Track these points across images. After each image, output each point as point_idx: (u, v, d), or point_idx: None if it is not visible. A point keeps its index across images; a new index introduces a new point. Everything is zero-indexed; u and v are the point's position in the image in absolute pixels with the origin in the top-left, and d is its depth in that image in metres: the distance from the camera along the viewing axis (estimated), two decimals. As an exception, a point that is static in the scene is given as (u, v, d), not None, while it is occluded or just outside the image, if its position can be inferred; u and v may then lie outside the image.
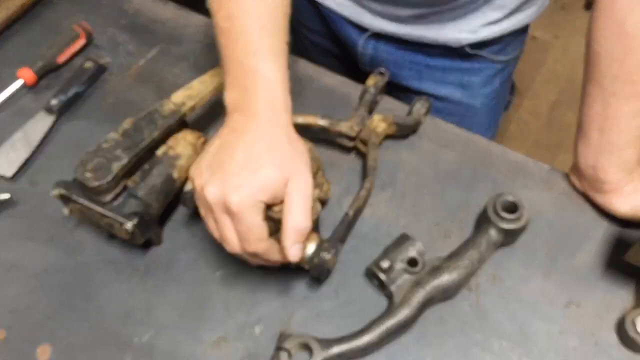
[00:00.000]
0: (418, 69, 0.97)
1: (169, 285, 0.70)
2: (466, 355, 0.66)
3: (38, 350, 0.65)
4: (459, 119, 0.97)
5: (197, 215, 0.74)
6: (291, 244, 0.57)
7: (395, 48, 0.96)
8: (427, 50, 0.94)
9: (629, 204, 0.71)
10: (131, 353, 0.65)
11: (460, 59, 0.94)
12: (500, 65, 0.97)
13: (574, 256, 0.73)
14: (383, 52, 0.97)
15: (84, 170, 0.63)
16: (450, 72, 0.96)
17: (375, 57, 0.99)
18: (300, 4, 1.03)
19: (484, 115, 1.02)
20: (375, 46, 0.97)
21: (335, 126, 0.77)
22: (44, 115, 0.83)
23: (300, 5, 1.03)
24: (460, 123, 0.85)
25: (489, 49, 0.93)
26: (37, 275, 0.71)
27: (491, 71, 0.96)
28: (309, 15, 1.04)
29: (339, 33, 1.00)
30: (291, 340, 0.63)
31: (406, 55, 0.96)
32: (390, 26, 0.92)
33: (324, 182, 0.73)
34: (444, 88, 0.98)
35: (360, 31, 0.96)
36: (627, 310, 0.69)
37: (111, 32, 0.95)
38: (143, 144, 0.67)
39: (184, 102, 0.72)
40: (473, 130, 0.83)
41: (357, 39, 0.97)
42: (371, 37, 0.96)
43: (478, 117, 1.02)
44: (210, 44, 0.94)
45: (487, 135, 1.05)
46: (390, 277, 0.66)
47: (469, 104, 0.99)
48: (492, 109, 1.03)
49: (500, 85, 1.01)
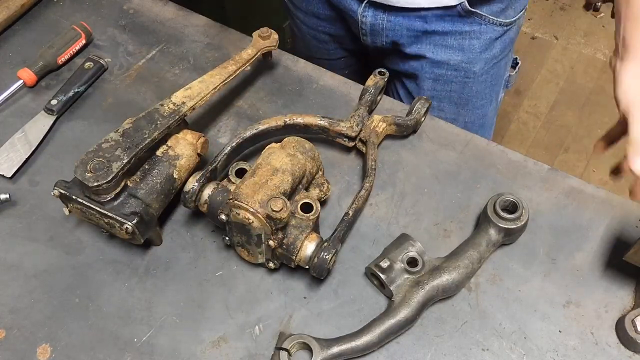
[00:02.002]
0: (417, 35, 0.97)
1: (169, 285, 0.70)
2: (466, 355, 0.66)
3: (38, 350, 0.65)
4: (459, 87, 0.97)
5: (197, 215, 0.74)
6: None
7: (394, 15, 0.96)
8: (425, 14, 0.94)
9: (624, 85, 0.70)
10: (131, 353, 0.65)
11: (460, 20, 0.93)
12: (500, 29, 0.96)
13: (574, 256, 0.73)
14: (382, 19, 0.97)
15: (84, 170, 0.63)
16: (450, 36, 0.96)
17: (374, 25, 0.99)
18: None
19: (483, 84, 1.02)
20: (374, 14, 0.97)
21: (335, 126, 0.78)
22: (44, 115, 0.83)
23: None
24: (461, 92, 0.84)
25: (489, 7, 0.92)
26: (37, 275, 0.71)
27: (491, 34, 0.96)
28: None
29: (338, 5, 1.00)
30: (291, 340, 0.63)
31: (404, 22, 0.96)
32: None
33: (324, 182, 0.73)
34: (442, 52, 0.97)
35: (358, 0, 0.97)
36: (626, 310, 0.69)
37: (111, 32, 0.95)
38: (143, 144, 0.67)
39: (184, 102, 0.72)
40: (473, 101, 0.83)
41: (356, 8, 0.97)
42: (369, 5, 0.96)
43: (477, 85, 1.02)
44: (210, 44, 0.94)
45: (488, 109, 1.04)
46: (390, 277, 0.66)
47: (469, 69, 0.99)
48: (492, 77, 1.03)
49: (500, 52, 1.00)
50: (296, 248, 0.64)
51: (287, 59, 0.92)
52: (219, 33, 0.95)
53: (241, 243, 0.67)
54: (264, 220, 0.61)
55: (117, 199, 0.66)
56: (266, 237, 0.64)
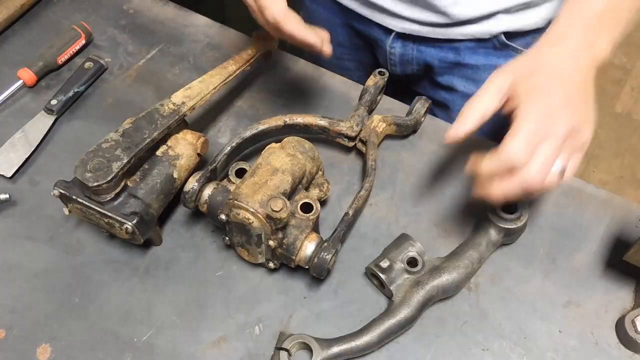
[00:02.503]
0: (449, 66, 0.94)
1: (169, 285, 0.70)
2: (466, 355, 0.66)
3: (38, 350, 0.65)
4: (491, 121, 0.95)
5: (197, 215, 0.74)
6: None
7: (424, 46, 0.93)
8: (458, 45, 0.91)
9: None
10: (131, 353, 0.65)
11: (494, 53, 0.90)
12: None
13: (573, 256, 0.73)
14: (412, 49, 0.94)
15: (84, 170, 0.63)
16: (483, 70, 0.91)
17: (404, 55, 0.96)
18: (321, 11, 1.02)
19: None
20: (403, 45, 0.94)
21: (335, 126, 0.78)
22: (44, 115, 0.83)
23: (321, 13, 1.02)
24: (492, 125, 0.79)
25: (525, 40, 0.89)
26: (37, 275, 0.71)
27: None
28: (333, 25, 1.01)
29: (365, 34, 0.98)
30: (291, 340, 0.63)
31: (435, 52, 0.93)
32: (413, 26, 0.90)
33: (324, 182, 0.73)
34: (475, 87, 0.92)
35: (386, 32, 0.94)
36: (626, 310, 0.69)
37: (111, 32, 0.95)
38: (143, 144, 0.67)
39: (184, 102, 0.72)
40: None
41: (384, 39, 0.95)
42: (398, 36, 0.94)
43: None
44: (210, 44, 0.94)
45: None
46: (390, 276, 0.66)
47: None
48: None
49: None
50: (296, 248, 0.64)
51: (287, 59, 0.92)
52: (219, 33, 0.95)
53: (241, 243, 0.67)
54: (264, 220, 0.61)
55: (117, 199, 0.66)
56: (266, 237, 0.64)
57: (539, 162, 0.57)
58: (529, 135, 0.57)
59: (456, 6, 0.84)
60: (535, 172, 0.57)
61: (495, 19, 0.86)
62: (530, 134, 0.57)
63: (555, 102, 0.58)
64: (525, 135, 0.57)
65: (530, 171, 0.57)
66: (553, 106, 0.58)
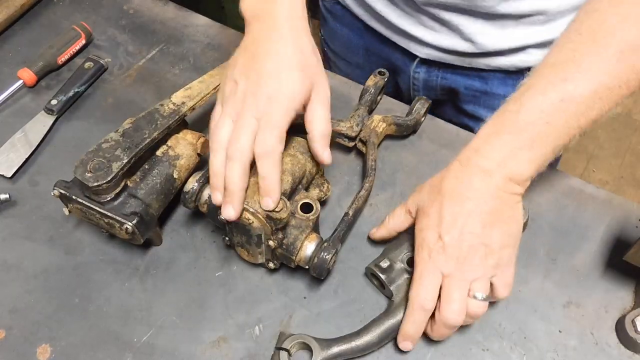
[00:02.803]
0: (475, 95, 0.91)
1: (169, 285, 0.70)
2: (466, 355, 0.66)
3: (38, 350, 0.65)
4: None
5: (197, 215, 0.74)
6: (322, 149, 0.64)
7: (450, 73, 0.91)
8: (486, 74, 0.88)
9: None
10: (131, 353, 0.65)
11: None
12: None
13: (573, 256, 0.73)
14: (436, 76, 0.92)
15: (84, 170, 0.63)
16: None
17: (428, 81, 0.94)
18: (344, 31, 1.01)
19: None
20: (427, 71, 0.92)
21: (335, 126, 0.77)
22: (44, 116, 0.83)
23: (343, 33, 1.01)
24: None
25: None
26: (37, 275, 0.71)
27: None
28: (354, 47, 1.00)
29: (387, 58, 0.96)
30: (291, 340, 0.63)
31: (461, 80, 0.90)
32: (438, 53, 0.88)
33: (324, 182, 0.73)
34: None
35: (410, 57, 0.92)
36: (627, 310, 0.69)
37: (111, 32, 0.95)
38: (143, 144, 0.67)
39: (184, 102, 0.72)
40: None
41: (408, 64, 0.93)
42: (422, 62, 0.92)
43: None
44: (210, 44, 0.94)
45: None
46: (390, 276, 0.66)
47: None
48: None
49: None
50: (296, 248, 0.64)
51: (287, 59, 0.92)
52: (219, 33, 0.95)
53: (241, 243, 0.67)
54: (264, 220, 0.61)
55: (117, 199, 0.66)
56: (266, 237, 0.64)
57: (449, 306, 0.59)
58: (429, 277, 0.59)
59: (483, 35, 0.81)
60: (452, 314, 0.59)
61: (525, 52, 0.83)
62: (429, 276, 0.59)
63: (449, 229, 0.59)
64: (426, 279, 0.59)
65: (447, 316, 0.59)
66: (447, 235, 0.59)
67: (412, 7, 0.84)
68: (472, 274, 0.59)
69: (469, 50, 0.84)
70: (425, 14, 0.83)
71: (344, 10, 0.98)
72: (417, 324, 0.61)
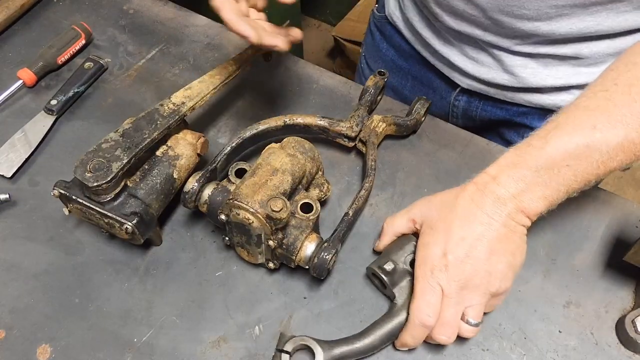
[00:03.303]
0: (515, 129, 0.90)
1: (168, 285, 0.70)
2: (466, 356, 0.66)
3: (38, 350, 0.65)
4: None
5: (197, 215, 0.74)
6: None
7: (490, 105, 0.90)
8: (526, 110, 0.87)
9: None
10: (131, 353, 0.65)
11: None
12: None
13: (573, 256, 0.73)
14: (476, 107, 0.92)
15: (84, 170, 0.63)
16: None
17: (467, 110, 0.94)
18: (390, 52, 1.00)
19: None
20: (468, 100, 0.92)
21: (335, 126, 0.78)
22: (44, 116, 0.83)
23: (389, 54, 1.01)
24: None
25: None
26: (37, 275, 0.71)
27: None
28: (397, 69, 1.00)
29: (429, 84, 0.96)
30: (293, 342, 0.63)
31: (501, 113, 0.90)
32: (480, 85, 0.87)
33: (324, 182, 0.73)
34: None
35: (452, 85, 0.92)
36: (627, 310, 0.69)
37: (111, 32, 0.95)
38: (143, 144, 0.67)
39: (183, 102, 0.72)
40: None
41: (449, 91, 0.93)
42: (463, 92, 0.92)
43: None
44: (210, 44, 0.94)
45: None
46: (392, 279, 0.66)
47: None
48: None
49: None
50: (296, 248, 0.64)
51: (287, 59, 0.92)
52: (219, 33, 0.95)
53: (241, 243, 0.67)
54: (264, 220, 0.61)
55: (117, 199, 0.66)
56: (266, 237, 0.64)
57: (442, 329, 0.60)
58: (430, 293, 0.60)
59: (526, 69, 0.80)
60: (443, 337, 0.61)
61: (568, 93, 0.82)
62: (431, 292, 0.60)
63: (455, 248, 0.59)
64: (427, 295, 0.60)
65: (438, 338, 0.61)
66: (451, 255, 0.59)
67: (454, 35, 0.84)
68: (470, 301, 0.60)
69: (510, 84, 0.83)
70: (468, 43, 0.83)
71: (394, 30, 0.98)
72: (416, 338, 0.62)
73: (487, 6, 0.74)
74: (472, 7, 0.75)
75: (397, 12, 0.95)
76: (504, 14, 0.73)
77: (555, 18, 0.71)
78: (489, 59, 0.82)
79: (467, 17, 0.78)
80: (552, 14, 0.71)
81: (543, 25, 0.73)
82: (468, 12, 0.77)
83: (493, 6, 0.73)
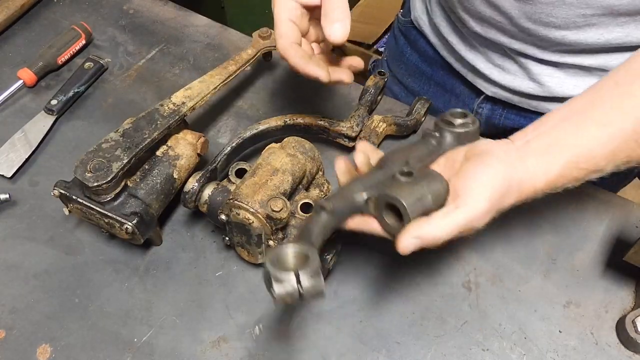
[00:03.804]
0: None
1: (168, 285, 0.70)
2: (466, 355, 0.66)
3: (38, 350, 0.65)
4: None
5: (197, 215, 0.74)
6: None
7: (514, 114, 0.90)
8: None
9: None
10: (131, 353, 0.65)
11: None
12: None
13: (573, 256, 0.73)
14: (499, 115, 0.91)
15: (84, 170, 0.63)
16: None
17: (490, 118, 0.93)
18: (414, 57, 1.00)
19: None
20: (492, 108, 0.92)
21: (335, 126, 0.78)
22: (44, 116, 0.83)
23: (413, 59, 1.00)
24: None
25: None
26: (37, 275, 0.71)
27: None
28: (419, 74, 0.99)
29: (452, 90, 0.96)
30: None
31: (525, 122, 0.85)
32: (504, 93, 0.87)
33: (324, 182, 0.73)
34: None
35: (476, 92, 0.91)
36: (627, 310, 0.69)
37: (111, 32, 0.95)
38: (143, 144, 0.67)
39: (184, 102, 0.72)
40: None
41: (473, 98, 0.93)
42: (487, 99, 0.91)
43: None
44: (210, 44, 0.94)
45: None
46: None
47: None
48: None
49: None
50: (296, 248, 0.64)
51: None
52: (219, 33, 0.96)
53: (241, 243, 0.67)
54: (264, 220, 0.61)
55: (117, 199, 0.66)
56: (266, 237, 0.64)
57: None
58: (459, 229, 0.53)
59: (552, 78, 0.79)
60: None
61: None
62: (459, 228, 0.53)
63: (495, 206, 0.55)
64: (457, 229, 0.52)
65: None
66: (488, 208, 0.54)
67: (480, 42, 0.83)
68: None
69: (535, 93, 0.82)
70: (494, 50, 0.83)
71: (419, 35, 0.97)
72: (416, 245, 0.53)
73: (514, 13, 0.73)
74: (499, 13, 0.75)
75: (424, 16, 0.94)
76: (531, 21, 0.73)
77: (583, 27, 0.71)
78: (514, 67, 0.82)
79: (493, 23, 0.77)
80: (580, 23, 0.70)
81: (570, 34, 0.72)
82: (495, 19, 0.76)
83: (520, 13, 0.73)
